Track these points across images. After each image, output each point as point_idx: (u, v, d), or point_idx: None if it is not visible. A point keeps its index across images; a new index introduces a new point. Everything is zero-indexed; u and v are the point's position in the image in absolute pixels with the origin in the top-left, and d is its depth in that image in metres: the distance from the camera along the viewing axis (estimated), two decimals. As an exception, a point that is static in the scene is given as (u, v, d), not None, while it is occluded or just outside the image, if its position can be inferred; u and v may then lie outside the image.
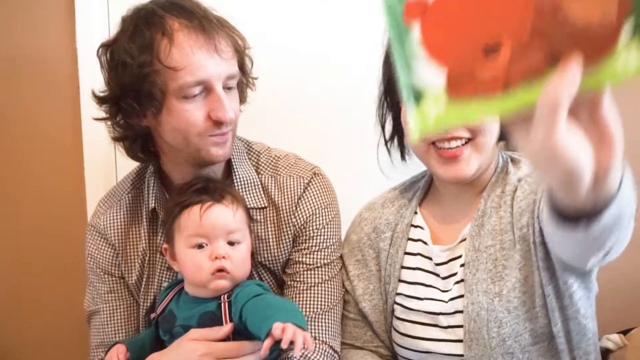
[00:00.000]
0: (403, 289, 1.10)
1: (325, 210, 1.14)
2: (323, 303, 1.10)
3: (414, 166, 1.17)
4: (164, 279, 1.16)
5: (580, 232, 0.59)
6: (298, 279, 1.12)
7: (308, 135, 1.50)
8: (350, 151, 1.53)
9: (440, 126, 0.49)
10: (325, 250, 1.13)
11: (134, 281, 1.16)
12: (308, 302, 1.10)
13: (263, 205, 1.13)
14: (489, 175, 1.08)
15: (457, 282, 1.03)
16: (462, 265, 1.03)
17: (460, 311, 1.01)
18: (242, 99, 1.15)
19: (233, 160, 1.15)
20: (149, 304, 1.16)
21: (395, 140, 1.17)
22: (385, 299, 1.12)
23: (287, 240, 1.13)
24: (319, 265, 1.12)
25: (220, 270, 1.01)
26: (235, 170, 1.15)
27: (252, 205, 1.13)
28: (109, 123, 1.11)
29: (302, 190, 1.14)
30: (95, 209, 1.22)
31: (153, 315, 1.12)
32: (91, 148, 1.54)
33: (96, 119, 1.14)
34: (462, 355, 1.02)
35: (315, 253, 1.13)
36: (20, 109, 1.56)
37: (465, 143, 1.01)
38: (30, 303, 1.62)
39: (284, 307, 0.98)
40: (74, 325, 1.62)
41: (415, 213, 1.13)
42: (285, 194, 1.14)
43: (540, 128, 0.46)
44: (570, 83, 0.45)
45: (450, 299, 1.03)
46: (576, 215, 0.58)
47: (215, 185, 1.08)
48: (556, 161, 0.48)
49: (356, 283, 1.14)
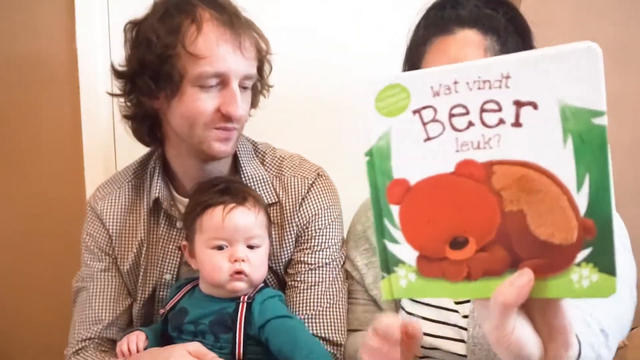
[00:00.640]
0: None
1: (328, 210, 1.15)
2: (324, 301, 1.11)
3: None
4: (165, 270, 1.16)
5: None
6: (299, 279, 1.12)
7: (311, 137, 1.50)
8: (354, 153, 1.52)
9: (409, 294, 0.56)
10: (327, 250, 1.14)
11: (126, 269, 1.17)
12: (309, 301, 1.11)
13: (273, 201, 1.15)
14: None
15: None
16: None
17: (466, 315, 1.01)
18: (254, 104, 1.16)
19: (240, 157, 1.16)
20: (147, 296, 1.16)
21: None
22: None
23: (290, 240, 1.14)
24: (320, 265, 1.13)
25: (239, 272, 1.02)
26: (243, 167, 1.16)
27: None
28: (121, 100, 1.13)
29: (306, 191, 1.15)
30: (94, 192, 1.22)
31: (162, 311, 1.12)
32: (91, 148, 1.55)
33: (110, 94, 1.16)
34: (465, 356, 1.02)
35: (317, 253, 1.13)
36: (20, 109, 1.56)
37: None
38: (30, 303, 1.63)
39: (312, 350, 1.00)
40: (73, 325, 1.62)
41: None
42: (290, 194, 1.15)
43: (491, 321, 0.51)
44: (522, 290, 0.49)
45: (457, 302, 1.03)
46: None
47: (237, 186, 1.09)
48: (505, 347, 0.52)
49: (365, 272, 1.12)
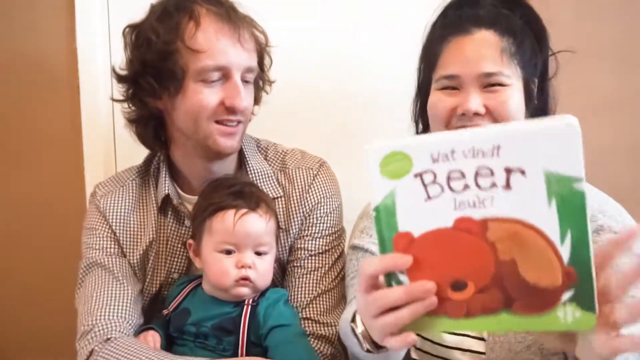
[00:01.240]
0: None
1: (330, 199, 1.17)
2: (320, 287, 1.12)
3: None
4: (173, 269, 1.16)
5: None
6: (298, 264, 1.14)
7: (311, 134, 1.51)
8: (353, 149, 1.52)
9: (417, 329, 0.66)
10: (327, 237, 1.16)
11: (133, 267, 1.16)
12: (305, 286, 1.12)
13: (278, 195, 1.16)
14: None
15: None
16: None
17: None
18: (257, 99, 1.17)
19: (245, 153, 1.18)
20: (153, 292, 1.16)
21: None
22: None
23: (296, 228, 1.15)
24: (320, 251, 1.14)
25: (245, 278, 1.03)
26: (249, 162, 1.17)
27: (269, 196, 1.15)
28: (124, 106, 1.13)
29: (312, 180, 1.17)
30: (94, 189, 1.21)
31: (165, 312, 1.12)
32: (91, 148, 1.54)
33: (114, 100, 1.16)
34: (484, 353, 1.02)
35: (317, 240, 1.15)
36: (20, 109, 1.56)
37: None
38: (30, 303, 1.62)
39: None
40: (74, 325, 1.62)
41: None
42: (295, 184, 1.17)
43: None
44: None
45: None
46: None
47: (251, 190, 1.08)
48: None
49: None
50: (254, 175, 1.16)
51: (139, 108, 1.12)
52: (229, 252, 1.04)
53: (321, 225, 1.15)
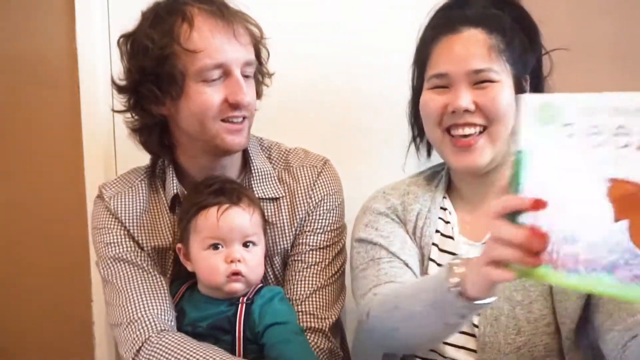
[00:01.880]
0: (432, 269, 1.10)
1: (334, 196, 1.19)
2: (319, 281, 1.13)
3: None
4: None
5: None
6: (298, 258, 1.15)
7: (313, 134, 1.50)
8: (355, 148, 1.54)
9: (517, 271, 0.69)
10: (329, 233, 1.17)
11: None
12: (304, 280, 1.13)
13: (280, 195, 1.17)
14: (509, 173, 1.09)
15: None
16: None
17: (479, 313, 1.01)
18: (258, 93, 1.17)
19: (250, 152, 1.18)
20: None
21: (424, 139, 1.16)
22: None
23: (300, 225, 1.16)
24: (321, 246, 1.15)
25: (236, 273, 1.03)
26: (253, 161, 1.18)
27: (270, 196, 1.16)
28: (127, 116, 1.13)
29: (316, 177, 1.18)
30: (100, 189, 1.20)
31: None
32: (91, 148, 1.54)
33: (115, 111, 1.16)
34: (475, 352, 1.03)
35: (319, 235, 1.16)
36: (20, 109, 1.56)
37: (480, 133, 1.01)
38: (30, 303, 1.62)
39: None
40: (74, 325, 1.62)
41: (445, 197, 1.13)
42: (300, 182, 1.18)
43: None
44: None
45: None
46: None
47: (232, 186, 1.09)
48: None
49: (392, 238, 1.10)
50: (257, 174, 1.17)
51: (143, 117, 1.12)
52: (216, 247, 1.04)
53: (324, 221, 1.17)
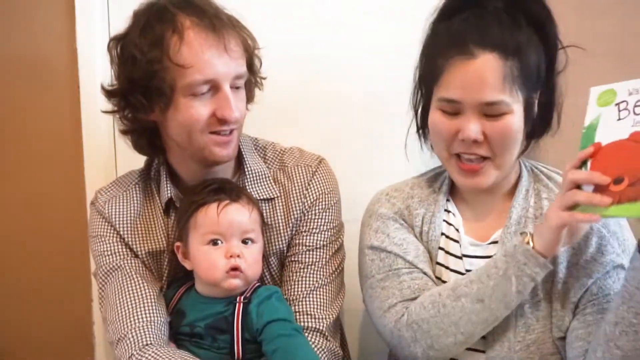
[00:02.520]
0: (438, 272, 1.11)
1: (329, 195, 1.18)
2: (316, 281, 1.13)
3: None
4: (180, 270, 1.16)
5: None
6: (296, 259, 1.15)
7: (310, 134, 1.49)
8: (352, 149, 1.53)
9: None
10: (326, 232, 1.16)
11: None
12: (301, 280, 1.13)
13: (274, 196, 1.17)
14: (512, 179, 1.10)
15: None
16: None
17: None
18: (250, 98, 1.17)
19: (244, 154, 1.18)
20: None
21: (425, 127, 1.15)
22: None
23: (295, 225, 1.16)
24: (318, 246, 1.15)
25: (235, 269, 1.03)
26: (247, 163, 1.17)
27: (264, 196, 1.16)
28: (117, 116, 1.12)
29: (311, 177, 1.18)
30: (96, 195, 1.20)
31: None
32: (91, 148, 1.54)
33: (105, 112, 1.15)
34: (484, 352, 1.04)
35: (315, 235, 1.15)
36: (20, 109, 1.56)
37: (487, 158, 1.02)
38: (30, 303, 1.62)
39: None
40: (74, 325, 1.62)
41: (448, 200, 1.14)
42: (294, 182, 1.17)
43: None
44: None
45: None
46: None
47: (231, 185, 1.11)
48: None
49: (406, 246, 1.10)
50: (251, 175, 1.17)
51: (132, 122, 1.11)
52: (215, 243, 1.05)
53: (319, 220, 1.16)
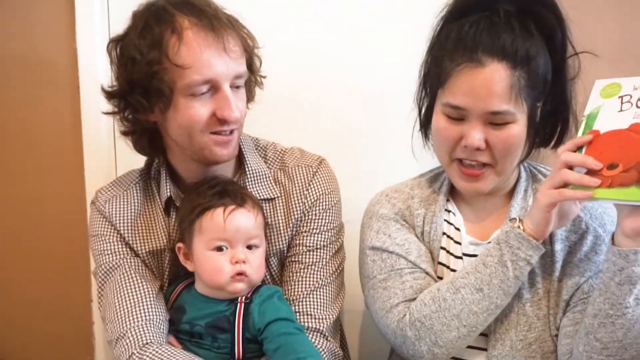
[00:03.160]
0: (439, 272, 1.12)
1: (330, 195, 1.18)
2: (316, 281, 1.13)
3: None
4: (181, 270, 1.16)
5: None
6: (296, 259, 1.15)
7: (311, 134, 1.50)
8: (352, 150, 1.54)
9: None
10: (326, 233, 1.16)
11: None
12: (302, 280, 1.13)
13: (275, 196, 1.17)
14: (512, 181, 1.11)
15: None
16: None
17: None
18: (250, 98, 1.17)
19: (245, 153, 1.18)
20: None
21: (428, 125, 1.14)
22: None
23: (296, 225, 1.16)
24: (318, 247, 1.15)
25: (240, 273, 1.04)
26: (248, 163, 1.17)
27: (265, 196, 1.16)
28: (118, 118, 1.12)
29: (311, 177, 1.18)
30: (96, 195, 1.20)
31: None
32: (91, 148, 1.54)
33: (105, 113, 1.15)
34: (486, 350, 1.05)
35: (315, 235, 1.15)
36: (20, 109, 1.56)
37: (488, 165, 1.03)
38: (30, 303, 1.62)
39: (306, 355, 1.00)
40: (74, 325, 1.62)
41: (448, 200, 1.14)
42: (295, 182, 1.18)
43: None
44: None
45: None
46: None
47: (235, 187, 1.10)
48: None
49: (408, 246, 1.11)
50: (251, 175, 1.17)
51: (132, 123, 1.11)
52: (220, 249, 1.05)
53: (320, 221, 1.16)
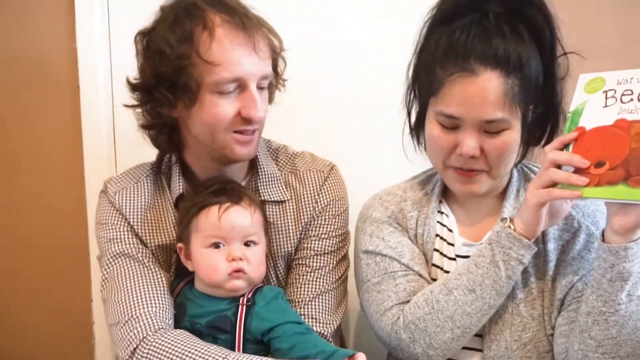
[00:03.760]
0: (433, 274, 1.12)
1: (339, 202, 1.19)
2: (322, 286, 1.14)
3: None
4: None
5: None
6: (302, 262, 1.15)
7: (311, 135, 1.50)
8: (357, 151, 1.54)
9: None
10: (334, 239, 1.17)
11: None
12: (308, 284, 1.13)
13: (285, 199, 1.17)
14: (504, 181, 1.11)
15: None
16: None
17: None
18: (270, 100, 1.16)
19: (258, 155, 1.18)
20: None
21: (419, 129, 1.14)
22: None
23: (305, 228, 1.17)
24: (325, 252, 1.16)
25: (238, 271, 1.03)
26: (261, 165, 1.18)
27: (276, 199, 1.16)
28: (137, 110, 1.12)
29: (323, 182, 1.18)
30: (106, 184, 1.18)
31: None
32: (91, 148, 1.54)
33: (126, 106, 1.13)
34: (481, 351, 1.05)
35: (323, 240, 1.16)
36: (20, 109, 1.56)
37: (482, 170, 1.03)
38: (30, 303, 1.62)
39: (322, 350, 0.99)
40: (73, 325, 1.62)
41: (441, 202, 1.14)
42: (306, 186, 1.18)
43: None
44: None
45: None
46: None
47: (232, 186, 1.10)
48: None
49: (401, 249, 1.11)
50: (264, 177, 1.17)
51: (154, 117, 1.11)
52: (217, 246, 1.05)
53: (329, 226, 1.17)
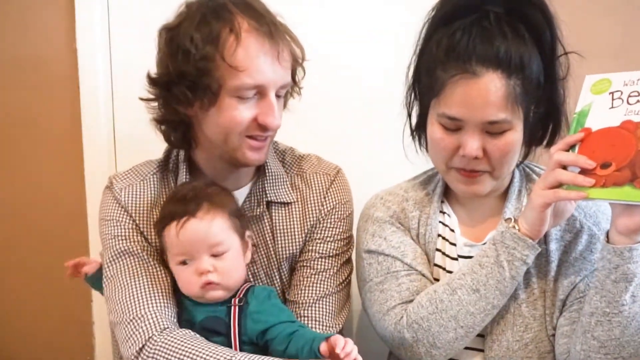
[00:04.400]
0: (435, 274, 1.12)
1: (345, 205, 1.19)
2: (326, 288, 1.14)
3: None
4: None
5: None
6: (307, 265, 1.15)
7: (311, 135, 1.49)
8: (354, 151, 1.54)
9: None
10: (339, 242, 1.17)
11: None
12: (312, 286, 1.13)
13: (291, 200, 1.17)
14: (506, 182, 1.11)
15: None
16: None
17: None
18: (284, 107, 1.16)
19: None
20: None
21: (420, 130, 1.14)
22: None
23: (310, 230, 1.17)
24: (330, 255, 1.16)
25: (208, 283, 1.02)
26: (268, 166, 1.18)
27: (282, 200, 1.17)
28: (151, 104, 1.11)
29: (329, 185, 1.19)
30: (111, 180, 1.17)
31: None
32: (91, 148, 1.55)
33: (142, 99, 1.12)
34: (483, 351, 1.05)
35: (328, 243, 1.16)
36: (20, 109, 1.56)
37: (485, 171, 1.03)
38: (30, 303, 1.63)
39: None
40: (74, 325, 1.63)
41: (442, 202, 1.15)
42: (312, 188, 1.18)
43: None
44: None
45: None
46: None
47: (195, 193, 1.06)
48: None
49: (403, 248, 1.11)
50: (270, 178, 1.17)
51: (169, 113, 1.10)
52: (184, 263, 1.03)
53: (334, 229, 1.17)
